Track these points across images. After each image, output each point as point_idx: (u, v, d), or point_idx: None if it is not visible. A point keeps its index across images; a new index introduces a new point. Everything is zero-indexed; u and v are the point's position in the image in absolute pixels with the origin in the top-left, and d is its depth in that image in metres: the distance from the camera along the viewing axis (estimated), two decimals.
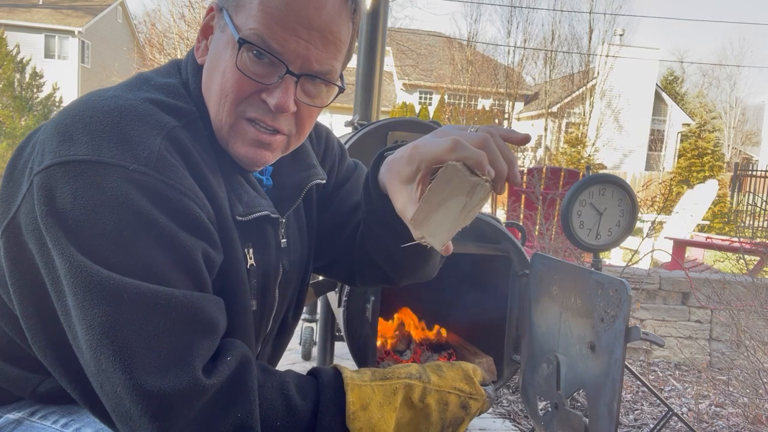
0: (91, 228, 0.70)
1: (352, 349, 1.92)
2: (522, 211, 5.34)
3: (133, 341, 0.68)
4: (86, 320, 0.69)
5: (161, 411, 0.68)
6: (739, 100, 35.04)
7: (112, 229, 0.71)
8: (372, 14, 2.44)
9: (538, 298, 1.80)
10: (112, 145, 0.73)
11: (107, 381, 0.69)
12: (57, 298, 0.73)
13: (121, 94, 0.81)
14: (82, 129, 0.74)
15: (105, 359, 0.68)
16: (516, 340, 2.01)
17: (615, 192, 2.01)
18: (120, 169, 0.72)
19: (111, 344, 0.68)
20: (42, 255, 0.74)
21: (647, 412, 2.83)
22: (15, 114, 11.98)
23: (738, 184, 13.67)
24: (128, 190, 0.72)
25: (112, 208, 0.71)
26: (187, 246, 0.75)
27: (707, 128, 15.70)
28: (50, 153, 0.74)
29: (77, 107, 0.78)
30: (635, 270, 3.87)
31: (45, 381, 0.88)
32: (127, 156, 0.73)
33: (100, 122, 0.75)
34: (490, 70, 25.07)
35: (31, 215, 0.74)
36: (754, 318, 2.68)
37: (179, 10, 19.17)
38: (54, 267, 0.72)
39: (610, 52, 22.42)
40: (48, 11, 25.89)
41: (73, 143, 0.73)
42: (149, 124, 0.77)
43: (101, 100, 0.79)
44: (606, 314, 1.47)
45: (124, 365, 0.67)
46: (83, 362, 0.72)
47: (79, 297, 0.69)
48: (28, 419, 0.89)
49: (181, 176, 0.77)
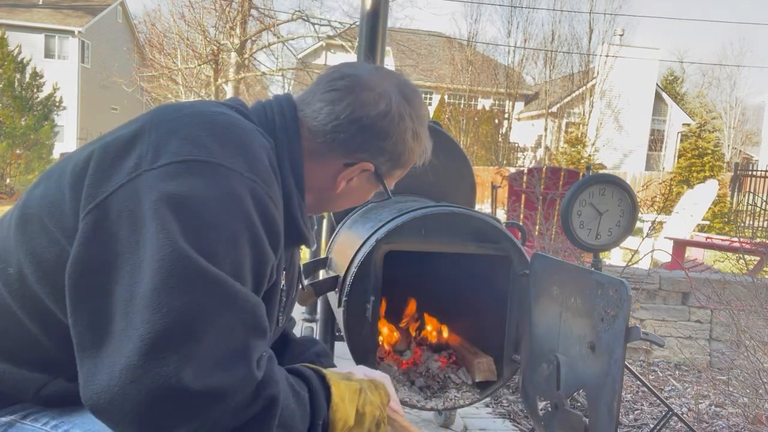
0: (203, 219, 0.78)
1: (352, 349, 1.92)
2: (522, 211, 5.34)
3: (209, 333, 0.74)
4: (162, 305, 0.72)
5: (215, 401, 0.73)
6: (739, 100, 35.04)
7: (221, 222, 0.79)
8: (372, 14, 2.44)
9: (538, 298, 1.80)
10: (230, 152, 0.84)
11: (158, 368, 0.71)
12: (126, 281, 0.76)
13: (226, 111, 0.94)
14: (205, 135, 0.85)
15: (168, 347, 0.71)
16: (516, 340, 2.01)
17: (615, 192, 2.01)
18: (236, 173, 0.83)
19: (184, 333, 0.72)
20: (130, 239, 0.77)
21: (647, 412, 2.83)
22: (15, 114, 11.98)
23: (738, 184, 13.66)
24: (241, 192, 0.82)
25: (226, 204, 0.80)
26: (267, 255, 0.86)
27: (707, 128, 15.70)
28: (170, 153, 0.82)
29: (193, 117, 0.89)
30: (635, 270, 3.87)
31: (50, 383, 0.90)
32: (243, 164, 0.84)
33: (219, 131, 0.87)
34: (490, 70, 25.06)
35: (131, 201, 0.79)
36: (754, 318, 2.68)
37: (179, 10, 19.13)
38: (139, 251, 0.76)
39: (610, 52, 22.39)
40: (48, 11, 25.88)
41: (194, 146, 0.83)
42: (258, 141, 0.91)
43: (213, 113, 0.91)
44: (606, 314, 1.47)
45: (190, 354, 0.72)
46: (125, 351, 0.72)
47: (165, 281, 0.73)
48: (19, 422, 0.91)
49: (277, 191, 0.91)
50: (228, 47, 19.00)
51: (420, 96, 1.15)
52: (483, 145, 22.60)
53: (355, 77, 1.06)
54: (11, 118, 11.90)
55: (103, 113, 27.61)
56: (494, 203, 4.93)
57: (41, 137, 12.39)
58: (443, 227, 1.94)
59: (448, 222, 1.95)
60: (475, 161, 21.12)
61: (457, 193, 2.41)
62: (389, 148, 1.07)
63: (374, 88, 1.05)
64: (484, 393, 2.10)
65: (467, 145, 21.64)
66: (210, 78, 19.27)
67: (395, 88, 1.08)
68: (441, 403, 2.04)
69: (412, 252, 1.95)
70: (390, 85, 1.08)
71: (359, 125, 1.04)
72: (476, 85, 24.46)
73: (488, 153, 22.62)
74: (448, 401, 2.05)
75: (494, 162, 21.89)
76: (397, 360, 2.26)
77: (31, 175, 12.62)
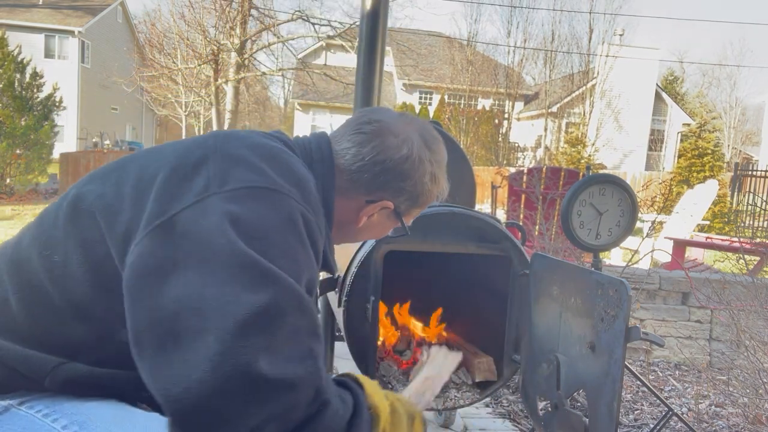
0: (265, 235, 0.88)
1: (352, 349, 1.92)
2: (522, 211, 5.33)
3: (282, 329, 0.82)
4: (239, 302, 0.80)
5: (287, 391, 0.79)
6: (739, 100, 35.04)
7: (282, 241, 0.90)
8: (372, 14, 2.44)
9: (538, 298, 1.80)
10: (288, 183, 0.97)
11: (235, 357, 0.76)
12: (193, 284, 0.82)
13: (280, 146, 1.08)
14: (267, 166, 0.97)
15: (246, 337, 0.78)
16: (516, 340, 2.01)
17: (615, 192, 2.01)
18: (293, 200, 0.95)
19: (260, 326, 0.79)
20: (196, 248, 0.85)
21: (647, 412, 2.83)
22: (15, 114, 11.94)
23: (738, 184, 13.65)
24: (296, 216, 0.93)
25: (284, 225, 0.92)
26: (315, 274, 0.98)
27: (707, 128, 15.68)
28: (236, 179, 0.93)
29: (255, 148, 1.00)
30: (635, 270, 3.87)
31: (65, 365, 0.95)
32: (297, 194, 0.97)
33: (278, 163, 0.99)
34: (490, 70, 25.05)
35: (199, 219, 0.87)
36: (754, 318, 2.68)
37: (179, 10, 19.12)
38: (206, 257, 0.83)
39: (610, 52, 22.38)
40: (48, 11, 25.88)
41: (258, 174, 0.95)
42: (308, 176, 1.05)
43: (272, 147, 1.04)
44: (606, 314, 1.47)
45: (266, 346, 0.79)
46: (203, 344, 0.77)
47: (238, 280, 0.82)
48: (15, 407, 0.96)
49: (322, 221, 1.04)
50: (228, 47, 18.99)
51: (440, 141, 1.25)
52: (483, 145, 22.60)
53: (382, 123, 1.18)
54: (11, 118, 11.87)
55: (103, 113, 27.60)
56: (494, 203, 4.93)
57: (41, 137, 12.36)
58: (443, 227, 1.94)
59: (448, 222, 1.95)
60: (475, 161, 21.12)
61: (457, 193, 2.40)
62: (409, 188, 1.18)
63: (398, 134, 1.17)
64: (484, 393, 2.10)
65: (467, 145, 21.64)
66: (210, 78, 19.26)
67: (417, 134, 1.19)
68: (441, 403, 2.04)
69: (412, 252, 1.95)
70: (413, 132, 1.19)
71: (382, 167, 1.15)
72: (476, 85, 24.44)
73: (488, 153, 22.62)
74: (448, 401, 2.05)
75: (494, 162, 21.90)
76: (397, 360, 2.26)
77: (30, 175, 12.59)
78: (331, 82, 20.70)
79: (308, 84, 21.36)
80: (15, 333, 0.97)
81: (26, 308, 0.97)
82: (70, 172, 13.61)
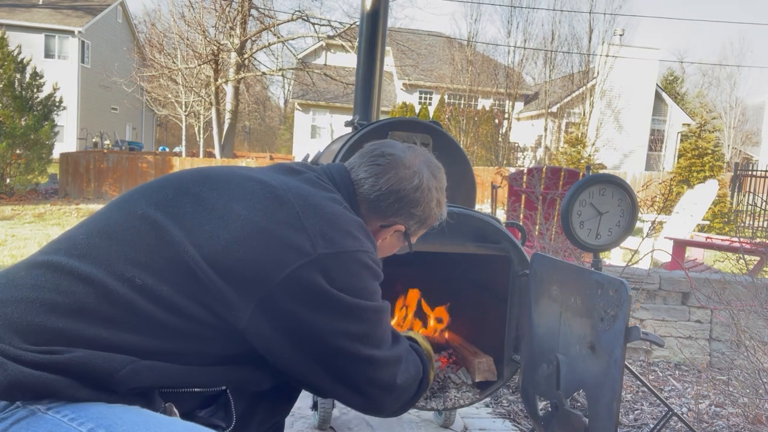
0: (362, 288, 1.16)
1: None
2: (522, 211, 5.33)
3: (404, 358, 1.30)
4: (381, 343, 1.21)
5: (404, 391, 1.29)
6: (739, 100, 35.01)
7: (373, 288, 1.20)
8: (372, 14, 2.44)
9: (538, 298, 1.80)
10: (362, 239, 1.18)
11: (381, 375, 1.22)
12: (339, 336, 1.13)
13: (346, 211, 1.25)
14: (354, 230, 1.18)
15: (395, 367, 1.25)
16: (516, 340, 2.01)
17: (615, 192, 2.01)
18: (369, 253, 1.19)
19: (398, 361, 1.26)
20: (319, 305, 1.10)
21: (647, 412, 2.83)
22: (15, 114, 11.94)
23: (738, 184, 13.65)
24: (372, 265, 1.19)
25: (370, 275, 1.19)
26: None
27: (707, 128, 15.67)
28: (338, 243, 1.13)
29: (338, 216, 1.18)
30: (635, 270, 3.87)
31: (132, 364, 1.00)
32: (370, 245, 1.21)
33: (356, 225, 1.20)
34: (490, 70, 25.06)
35: (304, 286, 1.08)
36: (754, 318, 2.68)
37: (179, 10, 19.13)
38: (333, 311, 1.11)
39: (610, 52, 22.39)
40: (48, 11, 25.88)
41: (353, 240, 1.16)
42: (365, 228, 1.24)
43: (342, 212, 1.21)
44: (606, 314, 1.47)
45: (400, 370, 1.26)
46: (371, 378, 1.21)
47: (375, 327, 1.19)
48: (41, 412, 0.96)
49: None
50: (228, 47, 19.00)
51: (442, 170, 1.43)
52: (483, 145, 22.60)
53: (395, 156, 1.34)
54: (11, 118, 11.86)
55: (103, 113, 27.61)
56: (494, 203, 4.93)
57: (41, 137, 12.35)
58: (443, 227, 1.94)
59: (448, 222, 1.95)
60: (475, 161, 21.12)
61: (457, 193, 2.40)
62: (418, 213, 1.36)
63: (410, 166, 1.34)
64: (484, 393, 2.10)
65: (467, 145, 21.64)
66: (210, 78, 19.27)
67: (425, 166, 1.36)
68: (441, 403, 2.04)
69: (412, 252, 1.94)
70: (421, 163, 1.36)
71: (397, 196, 1.32)
72: (476, 85, 24.45)
73: (488, 153, 22.62)
74: (448, 401, 2.05)
75: (494, 162, 21.90)
76: None
77: (30, 175, 12.58)
78: (331, 82, 20.72)
79: (308, 84, 21.38)
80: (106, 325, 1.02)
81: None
82: (70, 172, 13.61)
